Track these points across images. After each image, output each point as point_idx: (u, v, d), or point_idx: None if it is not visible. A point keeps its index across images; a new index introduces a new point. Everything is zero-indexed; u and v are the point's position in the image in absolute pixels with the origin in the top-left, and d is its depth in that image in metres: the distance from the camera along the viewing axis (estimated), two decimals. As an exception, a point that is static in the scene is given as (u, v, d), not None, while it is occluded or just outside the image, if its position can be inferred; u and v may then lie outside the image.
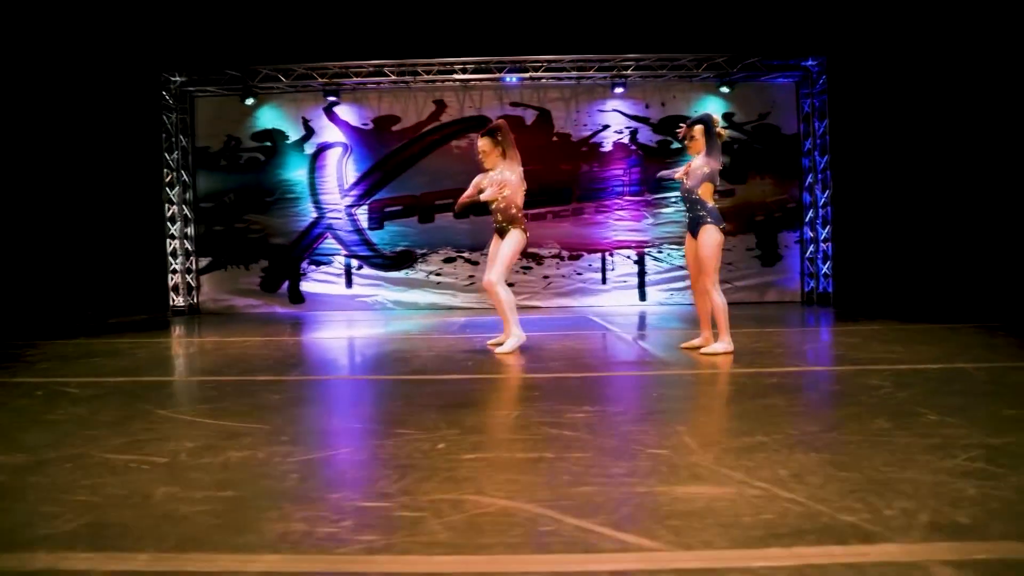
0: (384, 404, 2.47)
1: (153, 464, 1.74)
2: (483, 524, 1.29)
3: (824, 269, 7.94)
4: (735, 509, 1.32)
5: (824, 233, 7.92)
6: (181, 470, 1.68)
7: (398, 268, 8.13)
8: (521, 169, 3.84)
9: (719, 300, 3.50)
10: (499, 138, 3.88)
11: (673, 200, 8.03)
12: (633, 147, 8.10)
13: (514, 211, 3.78)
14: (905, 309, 6.47)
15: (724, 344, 3.49)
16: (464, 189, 4.08)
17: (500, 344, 3.84)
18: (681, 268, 8.07)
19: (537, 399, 2.51)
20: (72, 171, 7.48)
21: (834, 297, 7.81)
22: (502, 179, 3.76)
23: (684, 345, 3.83)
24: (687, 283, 8.09)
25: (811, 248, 8.06)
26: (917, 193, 7.38)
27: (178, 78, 7.90)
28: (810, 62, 7.77)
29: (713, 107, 8.04)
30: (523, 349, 3.92)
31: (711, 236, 3.49)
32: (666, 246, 8.16)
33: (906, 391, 2.55)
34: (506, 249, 3.74)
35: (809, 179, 8.03)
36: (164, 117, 7.89)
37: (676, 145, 8.07)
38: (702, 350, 3.61)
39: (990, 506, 1.30)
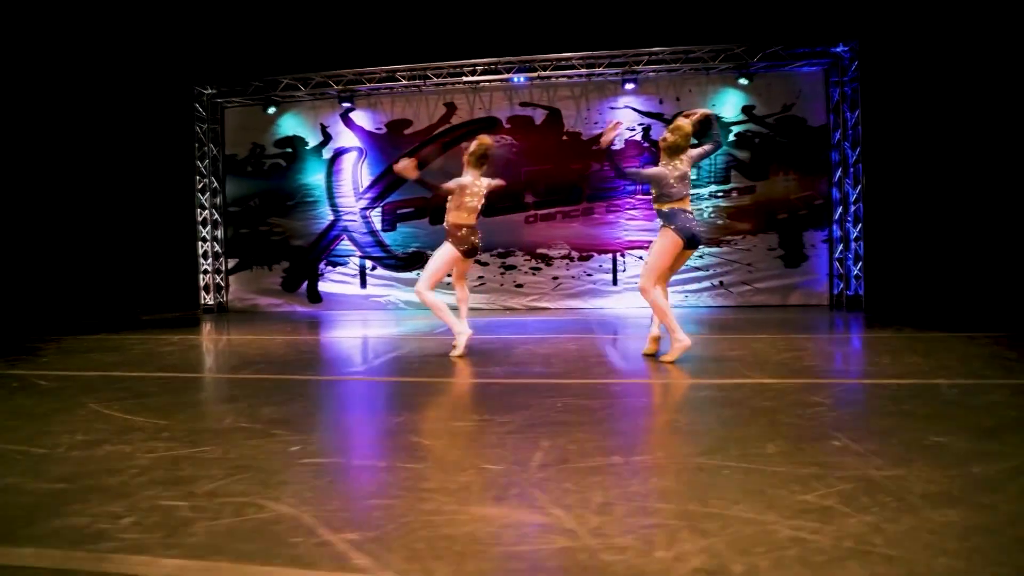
0: (292, 404, 2.53)
1: (29, 455, 1.87)
2: (244, 529, 1.30)
3: (855, 271, 7.37)
4: (498, 536, 1.26)
5: (855, 232, 7.34)
6: (47, 462, 1.80)
7: (409, 269, 8.28)
8: (472, 186, 3.81)
9: (656, 300, 3.36)
10: (488, 156, 3.90)
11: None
12: (646, 144, 7.84)
13: (449, 220, 3.83)
14: (939, 315, 5.89)
15: (678, 344, 3.32)
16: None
17: (455, 347, 3.87)
18: (697, 270, 7.75)
19: (439, 405, 2.49)
20: (117, 180, 8.15)
21: (865, 301, 7.23)
22: (456, 183, 3.80)
23: (645, 351, 3.70)
24: (700, 285, 7.79)
25: (840, 248, 7.49)
26: (958, 188, 6.70)
27: (209, 90, 8.42)
28: (840, 48, 7.22)
29: (732, 100, 7.67)
30: (481, 352, 3.91)
31: (661, 237, 3.37)
32: (680, 246, 7.83)
33: (842, 410, 2.33)
34: (432, 258, 3.85)
35: (838, 173, 7.46)
36: (196, 127, 8.44)
37: (692, 141, 7.73)
38: (661, 358, 3.45)
39: (784, 552, 1.17)
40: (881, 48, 7.02)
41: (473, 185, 3.78)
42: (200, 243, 8.53)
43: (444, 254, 3.87)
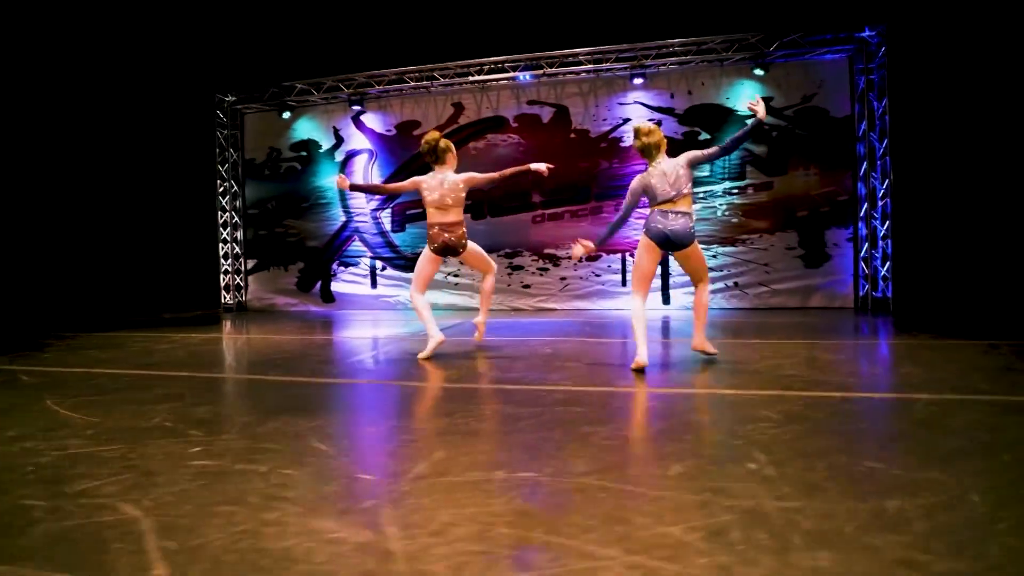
0: (228, 404, 2.55)
1: (-50, 455, 1.94)
2: (78, 533, 1.30)
3: (882, 271, 6.88)
4: (312, 553, 1.19)
5: (883, 230, 6.85)
6: (-43, 462, 1.87)
7: (418, 269, 8.31)
8: (428, 181, 3.83)
9: (633, 309, 3.23)
10: (438, 148, 3.91)
11: (701, 196, 7.40)
12: (656, 140, 7.56)
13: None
14: (971, 319, 5.40)
15: (636, 358, 3.16)
16: (480, 189, 4.14)
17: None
18: (711, 270, 7.42)
19: (367, 409, 2.45)
20: (145, 186, 8.58)
21: (894, 303, 6.73)
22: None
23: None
24: (713, 286, 7.47)
25: (866, 247, 7.01)
26: (995, 182, 6.13)
27: (230, 98, 8.73)
28: (866, 32, 6.75)
29: (748, 92, 7.31)
30: (450, 355, 3.86)
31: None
32: (693, 246, 7.53)
33: (788, 426, 2.13)
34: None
35: (864, 167, 6.98)
36: (218, 133, 8.77)
37: (704, 136, 7.44)
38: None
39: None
40: (911, 32, 6.52)
41: (430, 180, 3.77)
42: (221, 244, 8.86)
43: (422, 255, 3.92)
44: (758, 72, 7.10)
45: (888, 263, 6.81)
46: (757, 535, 1.25)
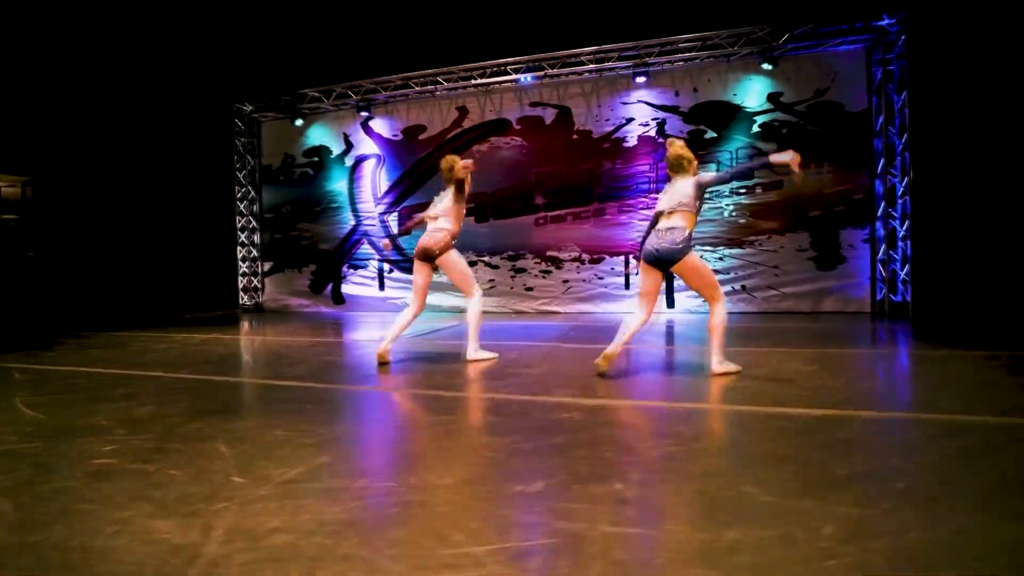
0: (172, 404, 2.66)
1: None
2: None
3: (902, 274, 6.46)
4: (127, 551, 1.23)
5: (902, 230, 6.44)
6: None
7: (423, 272, 8.40)
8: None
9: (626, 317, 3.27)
10: (448, 174, 4.04)
11: (707, 196, 7.15)
12: (660, 140, 7.38)
13: None
14: (995, 326, 5.00)
15: (602, 355, 3.13)
16: (483, 192, 4.21)
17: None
18: (718, 273, 7.17)
19: (287, 412, 2.49)
20: (173, 194, 9.06)
21: (913, 308, 6.31)
22: None
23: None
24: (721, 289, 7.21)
25: (883, 248, 6.60)
26: (1021, 178, 5.64)
27: (248, 107, 9.10)
28: (884, 21, 6.37)
29: (757, 88, 7.03)
30: (411, 361, 3.89)
31: None
32: (698, 248, 7.29)
33: (690, 445, 2.04)
34: None
35: (882, 164, 6.58)
36: (236, 141, 9.15)
37: (711, 134, 7.20)
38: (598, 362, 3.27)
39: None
40: (932, 19, 6.09)
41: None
42: (239, 247, 9.24)
43: None
44: (766, 67, 6.81)
45: (907, 265, 6.39)
46: (559, 562, 1.21)
